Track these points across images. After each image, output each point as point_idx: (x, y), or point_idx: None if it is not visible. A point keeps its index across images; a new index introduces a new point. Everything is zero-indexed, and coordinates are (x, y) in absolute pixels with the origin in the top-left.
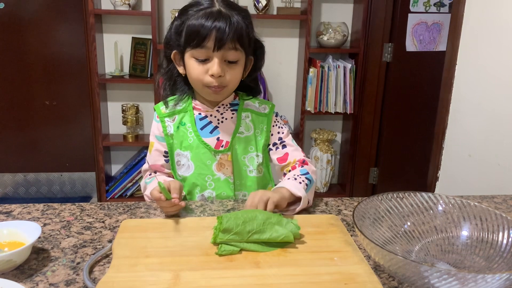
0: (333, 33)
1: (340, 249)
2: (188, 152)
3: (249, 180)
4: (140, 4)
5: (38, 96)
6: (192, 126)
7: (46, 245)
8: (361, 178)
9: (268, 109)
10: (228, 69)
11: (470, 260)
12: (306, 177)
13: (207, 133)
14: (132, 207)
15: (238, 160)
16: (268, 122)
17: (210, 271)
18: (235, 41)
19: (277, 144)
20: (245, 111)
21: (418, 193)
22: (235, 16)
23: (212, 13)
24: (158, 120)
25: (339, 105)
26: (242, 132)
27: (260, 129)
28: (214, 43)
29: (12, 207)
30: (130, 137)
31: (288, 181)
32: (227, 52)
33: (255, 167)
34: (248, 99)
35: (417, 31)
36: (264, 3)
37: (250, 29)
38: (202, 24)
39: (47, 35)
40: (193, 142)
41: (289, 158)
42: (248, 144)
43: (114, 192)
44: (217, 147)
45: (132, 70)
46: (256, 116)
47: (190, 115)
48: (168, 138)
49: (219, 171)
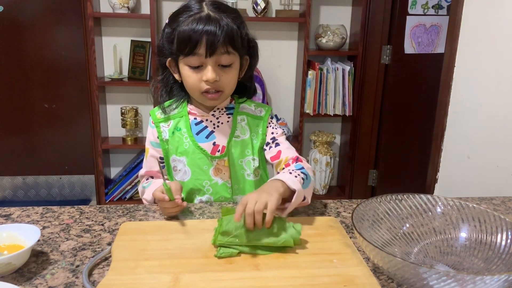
0: (332, 35)
1: (339, 251)
2: (184, 157)
3: (247, 184)
4: (139, 7)
5: (37, 99)
6: (188, 131)
7: (45, 248)
8: (360, 180)
9: (264, 112)
10: (223, 73)
11: (469, 261)
12: (302, 171)
13: (203, 138)
14: (131, 210)
15: (235, 164)
16: (264, 124)
17: (209, 274)
18: (227, 45)
19: (270, 143)
20: (240, 114)
21: (416, 195)
22: (224, 19)
23: (201, 19)
24: (153, 126)
25: (338, 108)
26: (238, 136)
27: (255, 132)
28: (206, 49)
29: (11, 210)
30: (129, 139)
31: (284, 175)
32: (220, 57)
33: (252, 171)
34: (243, 102)
35: (416, 33)
36: (262, 6)
37: (242, 30)
38: (192, 31)
39: (46, 38)
40: (189, 147)
41: (281, 155)
42: (245, 147)
43: (113, 195)
44: (213, 152)
45: (131, 73)
46: (252, 119)
47: (186, 120)
48: (164, 144)
49: (217, 176)
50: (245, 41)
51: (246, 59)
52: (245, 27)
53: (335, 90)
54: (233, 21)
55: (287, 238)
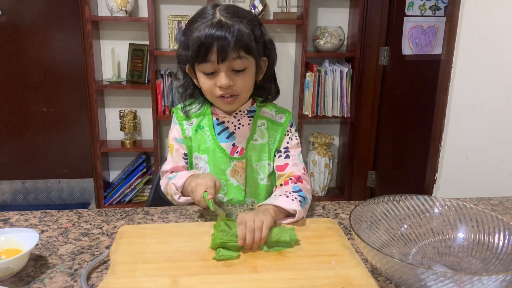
0: (330, 37)
1: (337, 252)
2: (205, 155)
3: (260, 188)
4: (137, 11)
5: (35, 103)
6: (210, 129)
7: (43, 252)
8: (359, 182)
9: (284, 119)
10: (237, 78)
11: (466, 262)
12: (299, 194)
13: (224, 138)
14: (130, 213)
15: (252, 167)
16: (282, 132)
17: (208, 276)
18: (238, 50)
19: (281, 152)
20: (261, 118)
21: (414, 196)
22: (236, 24)
23: (212, 25)
24: (177, 123)
25: (336, 109)
26: (256, 140)
27: (273, 138)
28: (217, 55)
29: (10, 214)
30: (128, 143)
31: (279, 198)
32: (233, 62)
33: (266, 175)
34: (264, 106)
35: (413, 34)
36: (260, 8)
37: (257, 32)
38: (203, 38)
39: (44, 42)
40: (210, 145)
41: (286, 169)
42: (262, 152)
43: (113, 198)
44: (232, 153)
45: (129, 76)
46: (271, 125)
47: (209, 118)
48: (187, 141)
49: (233, 177)
50: (260, 43)
51: (264, 61)
52: (260, 29)
53: (334, 91)
54: (246, 25)
55: (284, 235)
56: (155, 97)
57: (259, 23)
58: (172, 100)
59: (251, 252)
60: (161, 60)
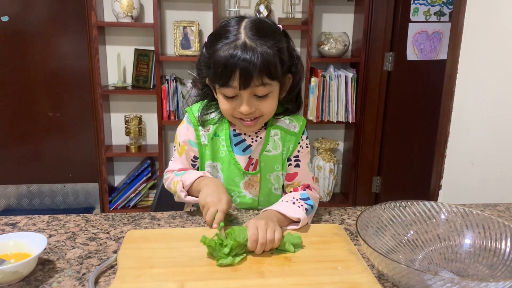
0: (334, 42)
1: (343, 258)
2: (219, 163)
3: (273, 197)
4: (143, 16)
5: (41, 108)
6: (226, 140)
7: (51, 256)
8: (364, 187)
9: (298, 128)
10: (259, 103)
11: (473, 268)
12: (306, 202)
13: (240, 151)
14: (137, 218)
15: (265, 178)
16: (296, 141)
17: (214, 281)
18: (262, 76)
19: (291, 160)
20: (274, 128)
21: (420, 201)
22: (260, 47)
23: (236, 47)
24: (190, 123)
25: (341, 114)
26: (269, 150)
27: (287, 148)
28: (239, 82)
29: (18, 218)
30: (133, 147)
31: (286, 204)
32: (255, 89)
33: (280, 185)
34: (279, 118)
35: (418, 40)
36: (265, 14)
37: (283, 53)
38: (226, 62)
39: (50, 47)
40: (224, 156)
41: (296, 179)
42: (275, 162)
43: (117, 203)
44: (248, 167)
45: (135, 81)
46: (285, 134)
47: (226, 127)
48: (201, 147)
49: (246, 189)
50: (285, 62)
51: (288, 78)
52: (288, 46)
53: (338, 97)
54: (272, 46)
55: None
56: (160, 102)
57: (286, 40)
58: (177, 105)
59: (258, 257)
60: (166, 66)
